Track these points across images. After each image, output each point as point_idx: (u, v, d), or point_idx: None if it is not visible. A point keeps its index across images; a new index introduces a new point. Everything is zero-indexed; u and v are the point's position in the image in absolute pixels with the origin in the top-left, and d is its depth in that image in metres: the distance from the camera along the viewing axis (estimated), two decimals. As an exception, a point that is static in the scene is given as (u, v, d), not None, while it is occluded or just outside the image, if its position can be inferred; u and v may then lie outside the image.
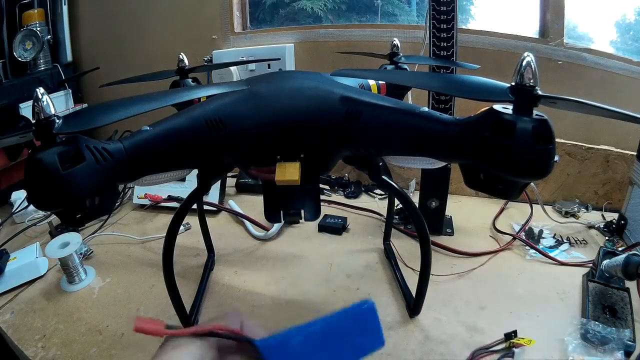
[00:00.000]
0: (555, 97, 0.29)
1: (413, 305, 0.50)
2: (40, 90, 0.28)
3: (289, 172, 0.34)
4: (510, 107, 0.30)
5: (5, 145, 0.34)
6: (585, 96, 0.29)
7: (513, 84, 0.30)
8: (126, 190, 0.86)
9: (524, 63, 0.29)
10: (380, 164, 0.40)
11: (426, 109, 0.35)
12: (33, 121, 0.28)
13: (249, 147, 0.35)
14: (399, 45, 0.57)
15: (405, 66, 0.56)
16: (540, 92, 0.29)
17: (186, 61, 0.55)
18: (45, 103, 0.28)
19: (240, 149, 0.34)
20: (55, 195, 0.27)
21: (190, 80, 0.55)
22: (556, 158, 0.29)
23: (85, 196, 0.28)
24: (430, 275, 0.48)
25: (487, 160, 0.30)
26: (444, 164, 0.39)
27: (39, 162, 0.27)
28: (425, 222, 0.43)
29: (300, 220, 0.40)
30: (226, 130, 0.33)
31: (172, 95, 0.37)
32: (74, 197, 0.27)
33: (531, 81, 0.29)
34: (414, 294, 0.50)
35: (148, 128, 0.32)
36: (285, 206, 0.39)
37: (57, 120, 0.28)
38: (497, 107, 0.31)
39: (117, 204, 0.83)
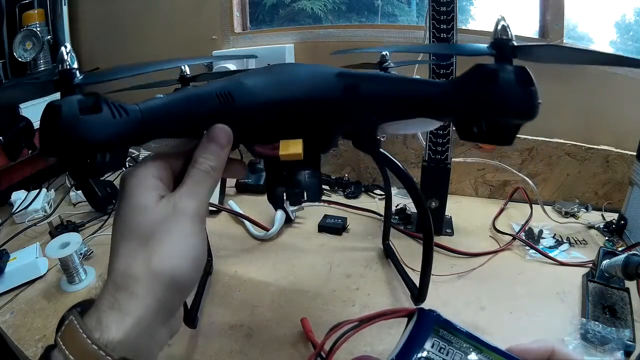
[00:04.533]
0: (531, 46, 0.31)
1: (417, 292, 0.49)
2: (67, 47, 0.30)
3: (292, 147, 0.35)
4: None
5: (24, 101, 0.35)
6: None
7: (492, 40, 0.33)
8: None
9: (499, 27, 0.32)
10: (379, 138, 0.42)
11: (418, 77, 0.37)
12: (57, 70, 0.30)
13: (255, 122, 0.36)
14: (387, 53, 0.58)
15: (394, 71, 0.57)
16: (516, 44, 0.32)
17: (187, 70, 0.56)
18: (70, 55, 0.30)
19: (246, 123, 0.36)
20: (70, 138, 0.28)
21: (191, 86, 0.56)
22: (540, 100, 0.32)
23: (98, 144, 0.29)
24: (430, 275, 0.48)
25: (479, 108, 0.32)
26: (439, 124, 0.41)
27: (58, 108, 0.28)
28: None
29: (302, 201, 0.41)
30: (234, 103, 0.34)
31: (186, 59, 0.44)
32: (89, 142, 0.28)
33: (507, 37, 0.32)
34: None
35: (162, 96, 0.34)
36: (288, 184, 0.40)
37: (78, 75, 0.30)
38: (481, 63, 0.33)
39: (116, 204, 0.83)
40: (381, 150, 0.41)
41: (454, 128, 0.38)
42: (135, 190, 0.27)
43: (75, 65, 0.30)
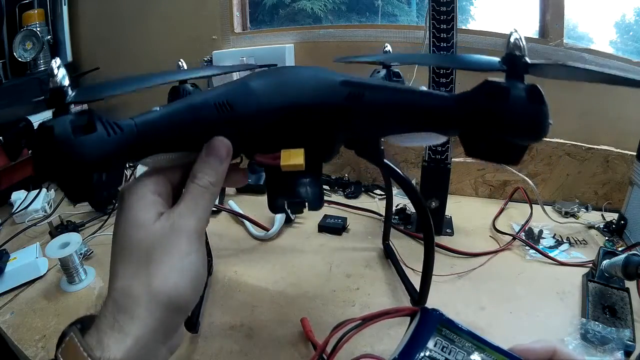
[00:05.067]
0: (543, 64, 0.31)
1: (418, 296, 0.49)
2: (57, 62, 0.29)
3: (293, 157, 0.34)
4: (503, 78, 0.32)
5: (17, 118, 0.34)
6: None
7: (504, 55, 0.32)
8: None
9: (512, 39, 0.31)
10: (382, 147, 0.41)
11: (425, 87, 0.36)
12: (47, 88, 0.29)
13: (255, 131, 0.35)
14: (390, 50, 0.57)
15: (397, 69, 0.57)
16: (529, 61, 0.31)
17: (185, 67, 0.55)
18: (61, 73, 0.29)
19: (246, 131, 0.35)
20: (64, 161, 0.27)
21: (189, 85, 0.55)
22: (551, 121, 0.31)
23: (94, 165, 0.28)
24: (431, 280, 0.48)
25: (486, 125, 0.31)
26: (445, 138, 0.40)
27: (50, 129, 0.27)
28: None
29: (304, 210, 0.40)
30: (233, 113, 0.33)
31: (184, 72, 0.41)
32: (84, 164, 0.27)
33: (520, 52, 0.31)
34: (417, 289, 0.50)
35: (158, 109, 0.33)
36: (289, 195, 0.39)
37: (70, 92, 0.29)
38: (491, 78, 0.32)
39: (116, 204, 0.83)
40: (385, 160, 0.40)
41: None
42: (134, 206, 0.27)
43: (67, 82, 0.29)
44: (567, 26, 0.77)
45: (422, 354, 0.24)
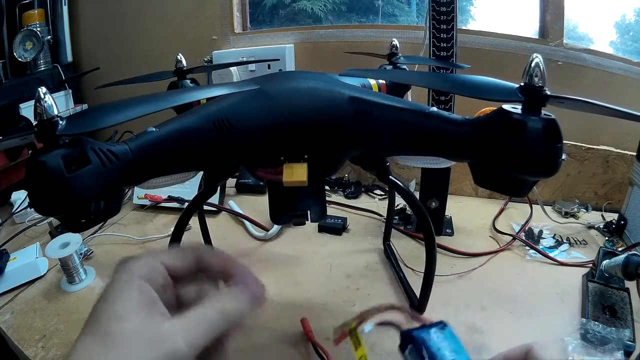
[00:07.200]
0: (563, 97, 0.29)
1: (418, 303, 0.49)
2: (43, 90, 0.27)
3: (296, 173, 0.33)
4: (519, 106, 0.31)
5: (6, 147, 0.33)
6: (585, 96, 0.30)
7: (522, 84, 0.30)
8: (127, 190, 0.86)
9: (532, 64, 0.29)
10: (388, 164, 0.40)
11: (435, 108, 0.35)
12: (35, 122, 0.27)
13: (255, 148, 0.34)
14: (397, 45, 0.57)
15: (405, 66, 0.56)
16: (548, 92, 0.30)
17: (184, 62, 0.54)
18: (48, 103, 0.27)
19: (247, 149, 0.34)
20: (59, 199, 0.26)
21: (188, 81, 0.55)
22: (563, 156, 0.30)
23: (91, 200, 0.27)
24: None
25: (499, 159, 0.30)
26: (452, 163, 0.39)
27: (42, 166, 0.25)
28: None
29: (306, 222, 0.39)
30: (234, 131, 0.32)
31: (181, 94, 0.36)
32: (80, 201, 0.26)
33: (540, 81, 0.30)
34: (416, 292, 0.50)
35: (154, 129, 0.31)
36: (292, 208, 0.38)
37: (61, 122, 0.27)
38: (506, 106, 0.31)
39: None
40: (391, 177, 0.39)
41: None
42: (117, 293, 0.21)
43: (56, 111, 0.27)
44: (567, 26, 0.77)
45: None
